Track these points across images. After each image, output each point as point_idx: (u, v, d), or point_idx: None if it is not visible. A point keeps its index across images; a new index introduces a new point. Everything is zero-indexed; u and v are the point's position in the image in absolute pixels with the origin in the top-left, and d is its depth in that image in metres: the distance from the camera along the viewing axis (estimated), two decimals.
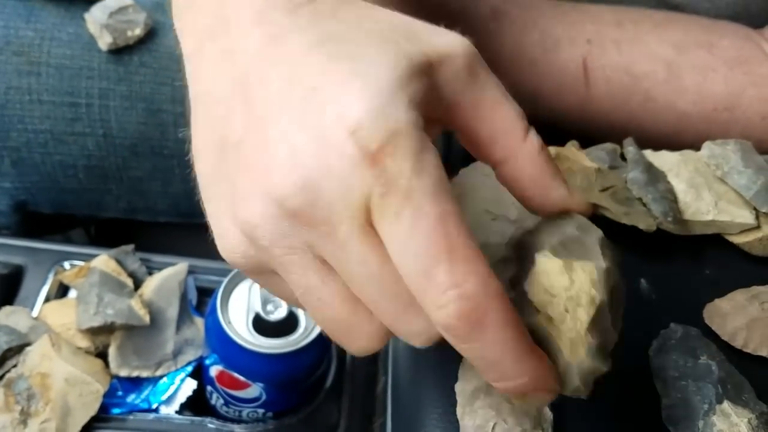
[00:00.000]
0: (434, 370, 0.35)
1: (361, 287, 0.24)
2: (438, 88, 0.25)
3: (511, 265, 0.28)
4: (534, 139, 0.27)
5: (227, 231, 0.25)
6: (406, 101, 0.23)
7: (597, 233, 0.27)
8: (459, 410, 0.32)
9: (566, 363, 0.25)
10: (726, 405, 0.29)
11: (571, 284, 0.25)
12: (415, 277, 0.22)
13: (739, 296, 0.36)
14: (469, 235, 0.23)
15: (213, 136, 0.26)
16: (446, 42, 0.25)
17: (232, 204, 0.25)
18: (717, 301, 0.36)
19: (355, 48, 0.24)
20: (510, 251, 0.29)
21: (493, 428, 0.31)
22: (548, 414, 0.31)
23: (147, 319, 0.48)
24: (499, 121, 0.27)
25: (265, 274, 0.27)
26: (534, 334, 0.26)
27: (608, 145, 0.43)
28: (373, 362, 0.52)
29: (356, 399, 0.50)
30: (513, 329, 0.23)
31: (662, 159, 0.41)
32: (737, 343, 0.34)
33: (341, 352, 0.53)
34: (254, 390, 0.46)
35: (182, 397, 0.48)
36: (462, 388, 0.33)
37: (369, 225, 0.23)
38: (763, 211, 0.38)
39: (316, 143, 0.23)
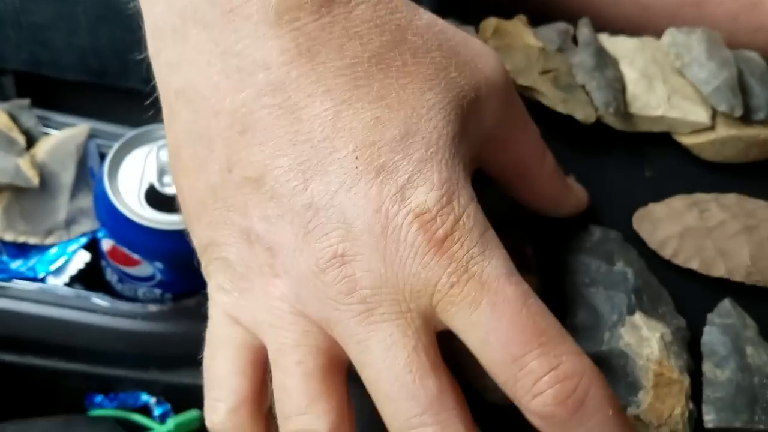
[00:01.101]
0: None
1: (376, 377, 0.22)
2: (481, 124, 0.24)
3: None
4: (550, 157, 0.27)
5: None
6: (463, 166, 0.22)
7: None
8: None
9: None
10: (638, 317, 0.26)
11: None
12: (503, 367, 0.21)
13: (677, 202, 0.31)
14: (550, 312, 0.21)
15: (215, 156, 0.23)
16: (490, 69, 0.24)
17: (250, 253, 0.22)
18: (651, 205, 0.31)
19: (404, 90, 0.22)
20: None
21: None
22: None
23: (36, 181, 0.43)
24: (525, 145, 0.26)
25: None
26: None
27: (561, 25, 0.37)
28: None
29: None
30: (614, 406, 0.21)
31: (618, 45, 0.36)
32: (666, 253, 0.30)
33: None
34: (148, 268, 0.42)
35: (73, 269, 0.44)
36: None
37: (411, 312, 0.21)
38: (721, 110, 0.33)
39: (370, 216, 0.21)
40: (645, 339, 0.25)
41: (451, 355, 0.22)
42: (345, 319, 0.21)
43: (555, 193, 0.28)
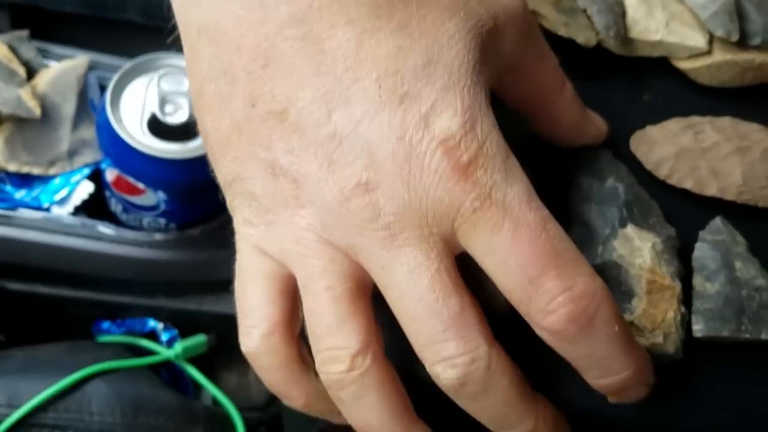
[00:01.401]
0: None
1: (401, 299, 0.22)
2: (500, 53, 0.24)
3: None
4: (569, 86, 0.27)
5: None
6: (485, 94, 0.22)
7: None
8: None
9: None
10: (629, 229, 0.27)
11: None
12: (520, 287, 0.22)
13: (673, 125, 0.32)
14: (567, 236, 0.22)
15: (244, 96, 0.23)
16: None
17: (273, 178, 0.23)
18: (648, 128, 0.32)
19: (425, 20, 0.22)
20: None
21: None
22: None
23: (38, 111, 0.44)
24: (544, 74, 0.27)
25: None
26: None
27: None
28: None
29: None
30: (620, 323, 0.22)
31: None
32: (661, 174, 0.31)
33: None
34: (152, 197, 0.43)
35: (77, 199, 0.45)
36: None
37: (433, 235, 0.22)
38: (718, 35, 0.33)
39: (394, 143, 0.21)
40: (637, 249, 0.26)
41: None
42: (370, 245, 0.22)
43: (574, 122, 0.28)
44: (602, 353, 0.23)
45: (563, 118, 0.28)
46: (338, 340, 0.23)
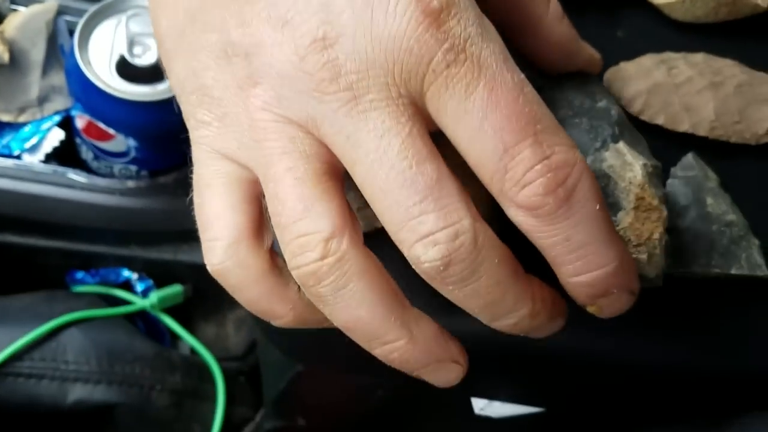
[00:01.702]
0: None
1: (369, 171, 0.20)
2: None
3: None
4: (556, 3, 0.26)
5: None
6: None
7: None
8: None
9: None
10: (621, 144, 0.26)
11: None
12: (495, 158, 0.19)
13: (647, 60, 0.32)
14: (544, 104, 0.20)
15: None
16: None
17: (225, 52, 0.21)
18: (622, 63, 0.32)
19: None
20: None
21: None
22: None
23: (6, 57, 0.43)
24: None
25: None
26: None
27: None
28: None
29: None
30: (602, 203, 0.20)
31: None
32: (634, 109, 0.31)
33: None
34: (122, 143, 0.42)
35: (48, 147, 0.44)
36: None
37: (402, 97, 0.20)
38: None
39: None
40: (629, 164, 0.25)
41: None
42: (332, 113, 0.20)
43: (565, 40, 0.27)
44: (582, 237, 0.20)
45: (552, 35, 0.26)
46: (306, 225, 0.20)
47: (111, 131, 0.41)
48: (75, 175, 0.42)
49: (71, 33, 0.47)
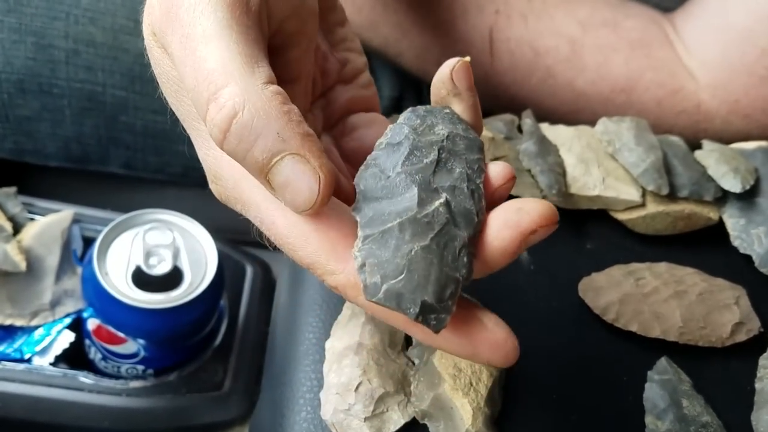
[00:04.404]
0: (311, 327, 0.34)
1: None
2: None
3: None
4: None
5: None
6: None
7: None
8: (326, 367, 0.32)
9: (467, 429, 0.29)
10: None
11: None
12: None
13: (615, 271, 0.36)
14: None
15: None
16: None
17: None
18: (594, 275, 0.36)
19: None
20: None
21: (357, 387, 0.30)
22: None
23: (23, 265, 0.46)
24: None
25: None
26: (440, 401, 0.29)
27: (507, 116, 0.42)
28: (266, 322, 0.51)
29: (244, 359, 0.49)
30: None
31: (557, 133, 0.41)
32: (608, 318, 0.34)
33: (233, 311, 0.51)
34: (132, 346, 0.44)
35: (58, 349, 0.46)
36: (332, 345, 0.32)
37: None
38: (650, 189, 0.38)
39: None
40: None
41: None
42: None
43: None
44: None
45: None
46: None
47: (122, 335, 0.43)
48: (84, 378, 0.44)
49: (84, 239, 0.50)
